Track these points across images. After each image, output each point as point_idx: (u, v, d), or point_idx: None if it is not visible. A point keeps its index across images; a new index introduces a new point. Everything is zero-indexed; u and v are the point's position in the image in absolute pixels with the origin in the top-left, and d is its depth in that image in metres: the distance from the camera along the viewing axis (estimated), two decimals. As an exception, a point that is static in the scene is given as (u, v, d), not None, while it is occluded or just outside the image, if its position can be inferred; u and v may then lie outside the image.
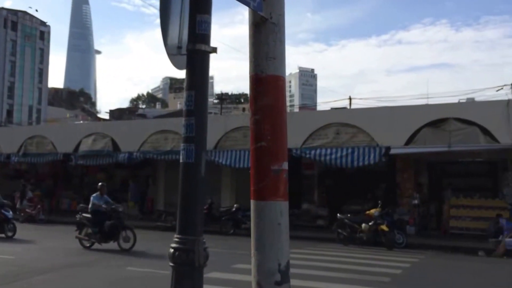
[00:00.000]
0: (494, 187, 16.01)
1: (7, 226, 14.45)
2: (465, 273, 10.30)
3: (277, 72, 2.75)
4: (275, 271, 2.64)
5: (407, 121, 15.78)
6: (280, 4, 2.81)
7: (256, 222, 2.72)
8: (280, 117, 2.75)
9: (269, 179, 2.68)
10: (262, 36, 2.75)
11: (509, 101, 14.96)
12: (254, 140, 2.73)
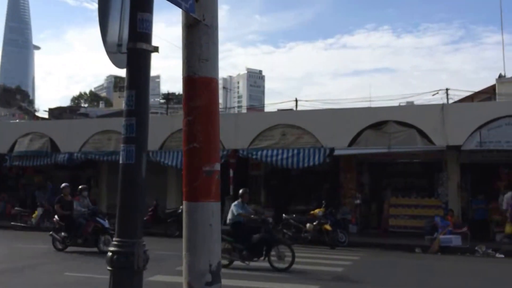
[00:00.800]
0: (430, 186, 16.81)
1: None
2: (402, 269, 10.73)
3: (210, 74, 2.76)
4: (206, 272, 2.65)
5: (350, 123, 16.25)
6: (213, 6, 2.82)
7: (187, 223, 2.71)
8: (213, 119, 2.76)
9: (201, 180, 2.68)
10: (195, 37, 2.75)
11: (443, 105, 15.77)
12: (187, 142, 2.73)
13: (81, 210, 12.73)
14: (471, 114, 15.19)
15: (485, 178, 15.87)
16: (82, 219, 12.45)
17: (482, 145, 14.58)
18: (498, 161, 15.77)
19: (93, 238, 12.13)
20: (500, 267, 11.49)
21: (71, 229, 12.29)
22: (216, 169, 2.74)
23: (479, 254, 13.14)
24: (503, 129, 14.47)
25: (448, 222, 14.58)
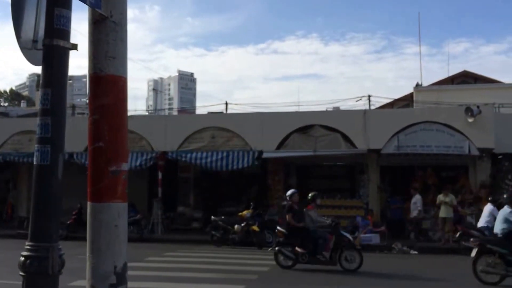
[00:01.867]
0: (352, 188, 17.62)
1: None
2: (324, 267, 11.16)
3: (118, 72, 2.71)
4: (111, 274, 2.59)
5: (279, 126, 16.66)
6: (121, 3, 2.76)
7: (91, 225, 2.65)
8: (120, 118, 2.71)
9: (106, 180, 2.63)
10: (101, 34, 2.69)
11: (365, 111, 16.62)
12: (92, 141, 2.67)
13: (322, 221, 11.00)
14: (390, 120, 16.12)
15: (402, 180, 16.90)
16: (322, 231, 10.74)
17: (400, 149, 15.52)
18: (414, 164, 16.87)
19: (335, 255, 10.47)
20: (411, 262, 12.28)
21: (308, 243, 10.53)
22: (123, 169, 2.69)
23: (395, 251, 13.98)
24: (419, 134, 15.49)
25: (368, 221, 15.37)
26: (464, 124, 15.15)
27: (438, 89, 24.16)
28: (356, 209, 16.31)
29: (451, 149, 15.19)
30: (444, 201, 14.88)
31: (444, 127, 15.28)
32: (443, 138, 15.20)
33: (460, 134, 15.13)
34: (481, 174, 16.10)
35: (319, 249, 10.40)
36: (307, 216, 10.92)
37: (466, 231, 13.80)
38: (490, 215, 13.43)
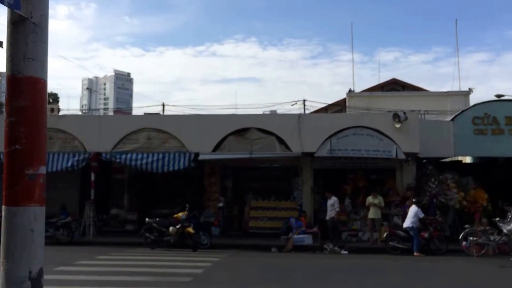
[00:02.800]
0: (287, 190, 18.02)
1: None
2: (258, 268, 11.35)
3: (37, 74, 2.69)
4: (25, 279, 2.56)
5: (215, 129, 16.71)
6: (42, 4, 2.75)
7: (6, 229, 2.60)
8: (38, 121, 2.69)
9: (23, 184, 2.60)
10: (20, 35, 2.66)
11: (300, 115, 17.06)
12: (8, 143, 2.63)
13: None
14: (324, 124, 16.63)
15: (334, 182, 17.50)
16: None
17: (332, 152, 16.07)
18: (345, 167, 17.53)
19: None
20: (340, 261, 12.77)
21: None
22: (41, 173, 2.67)
23: (327, 251, 14.45)
24: (350, 138, 16.12)
25: (301, 222, 15.78)
26: (392, 130, 15.95)
27: (369, 95, 25.24)
28: (290, 210, 16.69)
29: (380, 153, 15.93)
30: (373, 202, 15.57)
31: (374, 132, 16.00)
32: (373, 143, 15.91)
33: (388, 139, 15.90)
34: (407, 177, 17.00)
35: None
36: None
37: (392, 232, 14.59)
38: (414, 215, 14.28)
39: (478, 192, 16.33)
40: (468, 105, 20.94)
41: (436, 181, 16.18)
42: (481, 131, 16.87)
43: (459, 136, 16.97)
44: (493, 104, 17.54)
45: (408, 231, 14.18)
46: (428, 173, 16.49)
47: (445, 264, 12.27)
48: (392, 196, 16.64)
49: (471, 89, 25.23)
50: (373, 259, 13.18)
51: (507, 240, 13.66)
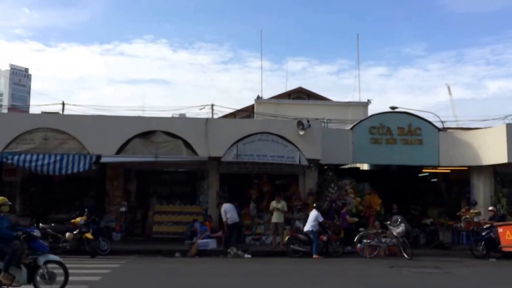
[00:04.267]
0: (193, 194, 17.90)
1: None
2: (158, 274, 11.10)
3: None
4: None
5: (119, 130, 16.14)
6: None
7: None
8: None
9: None
10: None
11: (207, 119, 17.06)
12: None
13: None
14: (231, 129, 16.77)
15: (240, 187, 17.72)
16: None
17: (239, 157, 16.26)
18: (251, 172, 17.81)
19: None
20: (242, 265, 12.92)
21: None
22: None
23: (230, 255, 14.54)
24: (256, 144, 16.42)
25: (206, 227, 15.74)
26: (296, 136, 16.50)
27: (276, 103, 25.94)
28: (195, 215, 16.57)
29: (284, 159, 16.41)
30: (276, 207, 15.96)
31: (279, 138, 16.46)
32: (278, 149, 16.35)
33: (293, 145, 16.44)
34: (309, 182, 17.69)
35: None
36: None
37: (294, 235, 15.05)
38: (315, 220, 14.86)
39: (373, 197, 17.43)
40: (367, 115, 22.29)
41: (336, 187, 17.01)
42: (377, 140, 18.06)
43: (357, 144, 18.03)
44: (387, 115, 18.85)
45: (308, 234, 14.72)
46: (329, 179, 17.29)
47: (341, 266, 12.91)
48: (294, 200, 17.20)
49: (369, 100, 26.94)
50: (274, 262, 13.49)
51: (396, 242, 14.71)
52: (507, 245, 14.31)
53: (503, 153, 16.77)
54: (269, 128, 16.78)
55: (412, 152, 18.05)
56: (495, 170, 18.05)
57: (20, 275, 8.36)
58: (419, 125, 18.22)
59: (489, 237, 14.87)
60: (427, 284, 10.45)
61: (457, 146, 18.05)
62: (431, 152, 18.10)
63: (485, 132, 18.06)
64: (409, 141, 18.08)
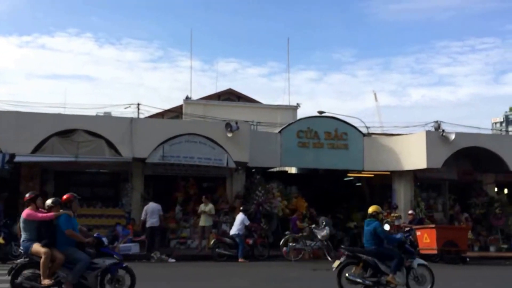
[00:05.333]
0: (116, 196, 17.14)
1: None
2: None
3: None
4: None
5: (37, 128, 15.15)
6: None
7: None
8: None
9: None
10: None
11: (132, 119, 16.41)
12: None
13: None
14: (157, 130, 16.24)
15: (166, 189, 17.21)
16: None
17: (164, 158, 15.76)
18: (178, 174, 17.37)
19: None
20: (165, 270, 12.52)
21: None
22: None
23: (154, 260, 14.05)
24: (183, 145, 16.01)
25: (128, 231, 15.13)
26: (224, 139, 16.29)
27: (205, 104, 25.59)
28: (118, 218, 15.87)
29: (212, 161, 16.13)
30: (204, 210, 15.67)
31: (207, 140, 16.16)
32: (205, 151, 16.04)
33: (220, 148, 16.20)
34: (237, 185, 17.54)
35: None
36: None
37: (219, 239, 14.83)
38: (241, 223, 14.73)
39: (299, 201, 17.61)
40: (296, 119, 22.51)
41: (263, 190, 17.00)
42: (304, 144, 18.25)
43: (285, 148, 18.12)
44: (315, 119, 19.13)
45: (234, 238, 14.56)
46: (256, 182, 17.25)
47: (266, 269, 12.85)
48: (221, 203, 16.98)
49: (299, 104, 27.27)
50: (199, 266, 13.22)
51: (321, 245, 14.90)
52: (425, 248, 14.93)
53: (423, 159, 17.53)
54: (197, 129, 16.45)
55: (338, 156, 18.42)
56: (415, 175, 18.86)
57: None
58: (345, 130, 18.64)
59: (409, 240, 15.45)
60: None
61: (381, 152, 18.66)
62: (356, 156, 18.57)
63: (407, 139, 18.83)
64: (335, 146, 18.44)
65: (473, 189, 19.80)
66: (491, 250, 18.19)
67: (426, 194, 19.66)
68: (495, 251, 18.14)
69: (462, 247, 14.90)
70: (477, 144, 17.95)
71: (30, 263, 7.64)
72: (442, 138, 17.49)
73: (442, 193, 20.09)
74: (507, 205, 19.42)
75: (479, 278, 12.09)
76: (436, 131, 18.07)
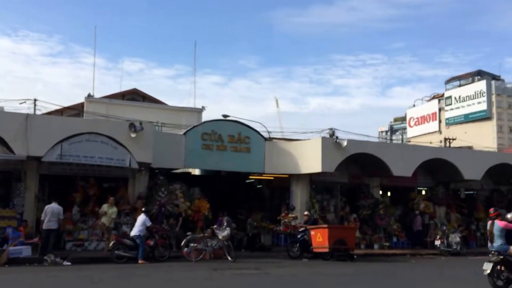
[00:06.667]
0: (7, 196, 16.10)
1: None
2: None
3: None
4: None
5: None
6: None
7: None
8: None
9: None
10: None
11: (28, 115, 15.55)
12: None
13: None
14: (55, 127, 15.51)
15: (63, 189, 16.53)
16: None
17: (63, 158, 15.13)
18: (77, 174, 16.78)
19: None
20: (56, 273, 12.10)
21: None
22: None
23: (47, 263, 13.45)
24: (84, 144, 15.49)
25: (20, 233, 14.33)
26: (127, 139, 16.05)
27: (108, 102, 24.93)
28: (8, 219, 14.95)
29: (114, 161, 15.82)
30: (106, 211, 15.31)
31: (109, 139, 15.81)
32: (107, 150, 15.68)
33: (123, 148, 15.94)
34: (139, 186, 17.37)
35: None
36: None
37: (119, 240, 14.60)
38: (142, 224, 14.64)
39: (202, 202, 17.88)
40: (201, 121, 22.79)
41: (166, 191, 17.02)
42: (208, 146, 18.59)
43: (190, 150, 18.31)
44: (219, 122, 19.56)
45: (135, 239, 14.43)
46: (159, 183, 17.22)
47: (166, 270, 12.92)
48: (123, 204, 16.71)
49: (204, 107, 27.63)
50: (95, 269, 12.87)
51: (222, 245, 15.29)
52: (317, 246, 15.97)
53: (318, 163, 18.71)
54: (99, 128, 16.02)
55: (240, 159, 19.00)
56: (311, 178, 20.03)
57: None
58: (248, 134, 19.27)
59: (303, 239, 16.43)
60: (247, 285, 11.07)
61: (281, 156, 19.57)
62: (257, 160, 19.29)
63: (304, 144, 19.95)
64: (238, 149, 19.00)
65: (361, 192, 21.51)
66: (375, 248, 19.91)
67: (320, 196, 20.98)
68: (379, 248, 19.89)
69: (351, 245, 16.15)
70: (365, 151, 19.56)
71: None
72: (336, 144, 18.80)
73: (335, 195, 21.57)
74: (390, 206, 21.41)
75: (365, 273, 13.25)
76: (330, 137, 19.38)
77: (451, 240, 19.26)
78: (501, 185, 24.39)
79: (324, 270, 13.74)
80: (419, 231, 21.58)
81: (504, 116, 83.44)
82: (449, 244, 19.19)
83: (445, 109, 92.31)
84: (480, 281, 10.29)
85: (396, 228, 21.30)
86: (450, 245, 19.17)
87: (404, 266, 15.41)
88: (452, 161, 21.09)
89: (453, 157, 21.33)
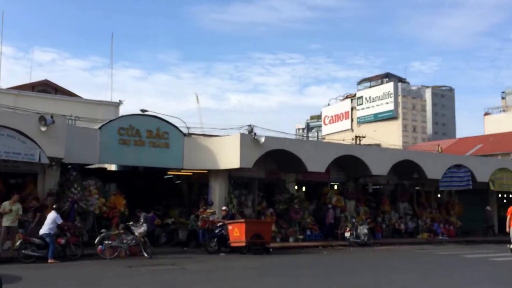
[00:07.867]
0: None
1: None
2: None
3: None
4: None
5: None
6: None
7: None
8: None
9: None
10: None
11: None
12: None
13: None
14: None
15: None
16: None
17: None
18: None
19: None
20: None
21: None
22: None
23: None
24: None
25: None
26: (37, 132, 15.26)
27: (17, 94, 23.47)
28: None
29: (21, 156, 14.96)
30: (10, 209, 14.48)
31: (16, 133, 14.92)
32: (14, 144, 14.80)
33: (32, 142, 15.13)
34: (49, 182, 16.60)
35: None
36: None
37: (27, 239, 13.89)
38: (53, 222, 14.05)
39: (118, 198, 17.48)
40: (118, 116, 22.18)
41: (79, 187, 16.43)
42: (125, 141, 18.15)
43: (105, 145, 17.77)
44: (137, 117, 19.17)
45: (44, 238, 13.82)
46: (72, 179, 16.58)
47: (78, 269, 12.55)
48: (31, 201, 15.88)
49: (121, 101, 26.86)
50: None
51: (138, 242, 15.08)
52: (235, 241, 16.27)
53: (237, 159, 19.00)
54: (5, 121, 15.05)
55: (159, 154, 18.77)
56: (229, 174, 20.29)
57: None
58: (166, 129, 19.08)
59: (221, 234, 16.65)
60: (162, 280, 11.06)
61: (200, 151, 19.61)
62: (176, 155, 19.18)
63: (223, 140, 20.15)
64: (156, 144, 18.75)
65: (277, 187, 22.17)
66: (290, 241, 20.65)
67: (238, 192, 21.31)
68: (294, 241, 20.66)
69: (267, 239, 16.64)
70: (282, 147, 20.19)
71: None
72: (254, 140, 19.20)
73: (252, 190, 22.02)
74: (304, 201, 22.30)
75: (278, 266, 13.74)
76: (249, 134, 19.75)
77: (359, 232, 20.48)
78: (404, 180, 26.25)
79: (239, 263, 14.05)
80: (331, 224, 22.66)
81: (409, 116, 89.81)
82: (357, 235, 20.40)
83: (356, 108, 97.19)
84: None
85: (310, 222, 22.20)
86: (359, 236, 20.38)
87: (316, 257, 16.18)
88: (361, 158, 22.36)
89: (362, 153, 22.63)
